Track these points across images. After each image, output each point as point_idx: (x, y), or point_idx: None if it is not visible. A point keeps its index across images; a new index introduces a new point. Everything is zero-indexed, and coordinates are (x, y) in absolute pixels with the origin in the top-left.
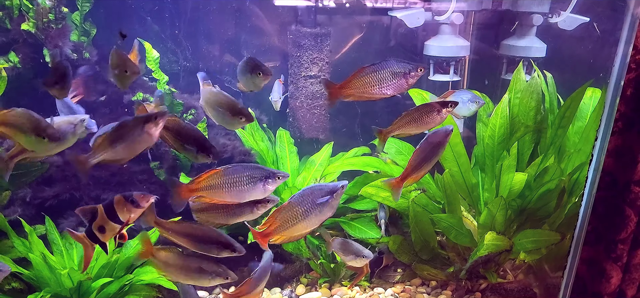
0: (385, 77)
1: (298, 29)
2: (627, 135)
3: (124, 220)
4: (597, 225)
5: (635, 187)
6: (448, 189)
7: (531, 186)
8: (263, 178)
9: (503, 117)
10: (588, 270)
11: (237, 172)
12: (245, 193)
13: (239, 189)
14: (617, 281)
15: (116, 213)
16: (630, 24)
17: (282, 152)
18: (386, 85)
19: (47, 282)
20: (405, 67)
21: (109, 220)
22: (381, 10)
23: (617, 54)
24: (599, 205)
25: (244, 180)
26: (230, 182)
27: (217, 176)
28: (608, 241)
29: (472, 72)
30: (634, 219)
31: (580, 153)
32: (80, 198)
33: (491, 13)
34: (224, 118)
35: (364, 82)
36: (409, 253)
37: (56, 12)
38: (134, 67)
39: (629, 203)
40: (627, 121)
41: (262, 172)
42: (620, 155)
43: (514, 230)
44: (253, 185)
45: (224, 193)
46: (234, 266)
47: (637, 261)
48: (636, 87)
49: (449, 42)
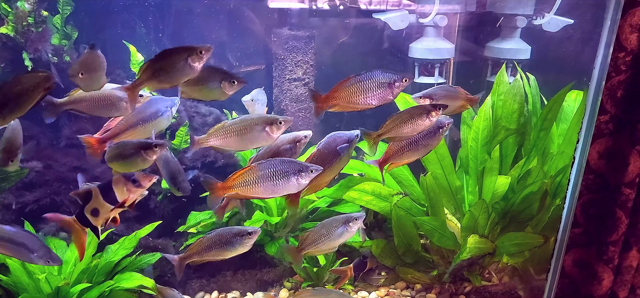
0: (370, 87)
1: (282, 32)
2: (618, 137)
3: (121, 200)
4: (589, 227)
5: (626, 189)
6: (431, 192)
7: (514, 188)
8: (297, 172)
9: (486, 119)
10: (580, 272)
11: (272, 167)
12: (280, 188)
13: (273, 184)
14: (608, 283)
15: (112, 194)
16: (610, 26)
17: None
18: (371, 95)
19: (26, 287)
20: (390, 77)
21: (104, 202)
22: (367, 12)
23: (598, 55)
24: (590, 207)
25: (278, 174)
26: (265, 177)
27: (252, 172)
28: (599, 243)
29: (458, 74)
30: (625, 221)
31: (564, 156)
32: (61, 203)
33: (476, 15)
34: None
35: (349, 92)
36: (393, 256)
37: (36, 16)
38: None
39: (620, 205)
40: (618, 123)
41: (295, 166)
42: (611, 157)
43: (498, 233)
44: (287, 180)
45: (258, 189)
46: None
47: (628, 263)
48: (626, 89)
49: (434, 45)
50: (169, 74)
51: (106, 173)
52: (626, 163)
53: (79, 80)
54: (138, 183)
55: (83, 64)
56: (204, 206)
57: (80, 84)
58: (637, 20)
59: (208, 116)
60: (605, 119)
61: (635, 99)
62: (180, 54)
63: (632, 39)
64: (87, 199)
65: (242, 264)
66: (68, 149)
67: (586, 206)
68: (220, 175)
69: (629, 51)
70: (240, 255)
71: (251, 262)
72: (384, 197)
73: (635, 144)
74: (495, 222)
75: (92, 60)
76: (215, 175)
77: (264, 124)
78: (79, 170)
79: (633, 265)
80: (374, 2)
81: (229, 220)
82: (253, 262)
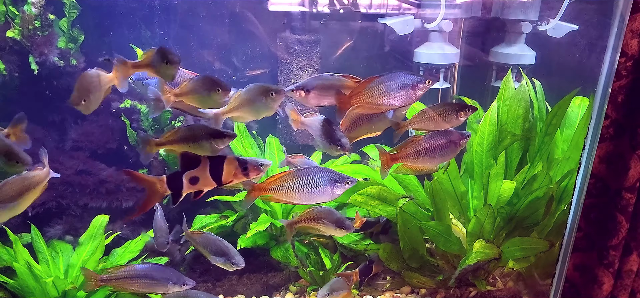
0: (393, 88)
1: (287, 36)
2: (619, 142)
3: (225, 181)
4: (590, 232)
5: (626, 193)
6: (436, 196)
7: (519, 194)
8: (332, 182)
9: (492, 124)
10: (581, 276)
11: (308, 176)
12: (314, 197)
13: (309, 192)
14: (609, 287)
15: (219, 171)
16: (617, 31)
17: (271, 159)
18: (394, 96)
19: (32, 291)
20: (414, 79)
21: (208, 175)
22: (372, 16)
23: (604, 61)
24: (591, 212)
25: (314, 183)
26: (301, 185)
27: (290, 177)
28: (600, 247)
29: (462, 78)
30: (626, 225)
31: (570, 161)
32: (67, 207)
33: (481, 20)
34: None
35: (372, 93)
36: (399, 261)
37: (42, 20)
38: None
39: (621, 210)
40: (619, 128)
41: (331, 176)
42: (612, 162)
43: (503, 238)
44: (322, 189)
45: (293, 195)
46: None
47: (628, 267)
48: (627, 94)
49: (439, 50)
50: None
51: (110, 177)
52: (627, 168)
53: (82, 106)
54: (246, 172)
55: (81, 89)
56: (209, 209)
57: (83, 110)
58: (638, 26)
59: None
60: (606, 124)
61: (635, 104)
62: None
63: (633, 44)
64: (191, 165)
65: (248, 268)
66: (74, 152)
67: (587, 210)
68: None
69: (630, 56)
70: (246, 259)
71: (256, 266)
72: (389, 201)
73: (636, 148)
74: (501, 227)
75: (88, 82)
76: None
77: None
78: (84, 173)
79: (633, 270)
80: (374, 6)
81: (235, 224)
82: (258, 266)
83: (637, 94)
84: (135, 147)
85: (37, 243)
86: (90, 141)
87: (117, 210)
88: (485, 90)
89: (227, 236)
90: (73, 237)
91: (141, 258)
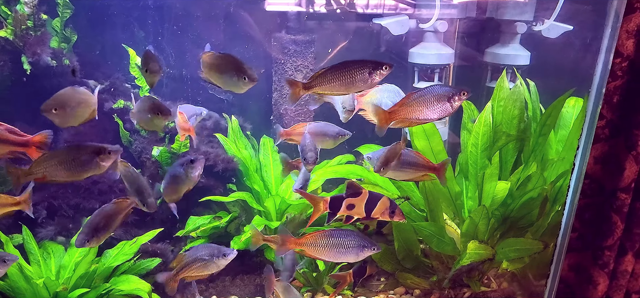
0: (430, 101)
1: (282, 36)
2: (614, 142)
3: (374, 216)
4: (585, 232)
5: (621, 193)
6: (430, 197)
7: (514, 194)
8: (360, 246)
9: (486, 125)
10: (576, 276)
11: (340, 237)
12: (341, 257)
13: (337, 252)
14: (604, 288)
15: (372, 206)
16: (611, 32)
17: (265, 159)
18: (431, 109)
19: (23, 292)
20: (450, 92)
21: (363, 207)
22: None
23: (598, 62)
24: (586, 212)
25: (344, 245)
26: (332, 245)
27: (323, 238)
28: (595, 248)
29: (457, 79)
30: (621, 226)
31: (564, 162)
32: (59, 207)
33: (475, 21)
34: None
35: (411, 108)
36: (393, 261)
37: (35, 19)
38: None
39: (616, 210)
40: (614, 128)
41: (360, 242)
42: (607, 162)
43: (497, 239)
44: (349, 251)
45: (323, 253)
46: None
47: (623, 268)
48: (622, 95)
49: (433, 50)
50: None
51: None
52: (622, 168)
53: (53, 115)
54: (393, 216)
55: (58, 100)
56: (202, 210)
57: (55, 120)
58: (634, 27)
59: (207, 120)
60: (601, 124)
61: (631, 104)
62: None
63: (629, 45)
64: (354, 194)
65: (241, 269)
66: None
67: (582, 211)
68: (219, 179)
69: (626, 57)
70: (239, 260)
71: (250, 267)
72: None
73: (631, 149)
74: (495, 227)
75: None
76: (214, 180)
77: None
78: None
79: (628, 270)
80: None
81: (229, 225)
82: (252, 267)
83: (633, 95)
84: (128, 148)
85: (29, 244)
86: (82, 141)
87: None
88: (481, 91)
89: (220, 237)
90: (65, 238)
91: (134, 259)
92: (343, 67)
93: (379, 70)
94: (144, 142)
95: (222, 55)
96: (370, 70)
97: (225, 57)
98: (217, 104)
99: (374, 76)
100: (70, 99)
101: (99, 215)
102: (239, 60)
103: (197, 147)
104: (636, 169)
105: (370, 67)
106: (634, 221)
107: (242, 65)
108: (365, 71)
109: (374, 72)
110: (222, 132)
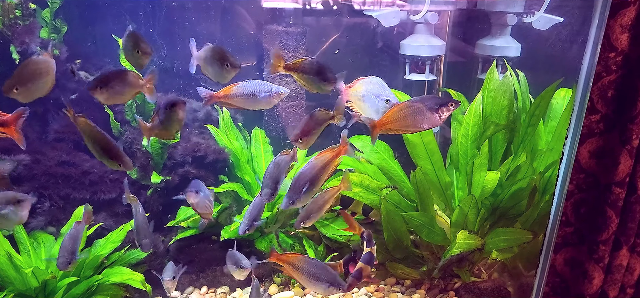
0: (420, 112)
1: (273, 28)
2: (608, 137)
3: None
4: (580, 226)
5: (616, 188)
6: (420, 187)
7: (503, 184)
8: (330, 282)
9: (476, 115)
10: (571, 271)
11: (314, 268)
12: (312, 286)
13: (309, 280)
14: (599, 282)
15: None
16: (597, 24)
17: (257, 151)
18: (421, 119)
19: (12, 281)
20: (438, 102)
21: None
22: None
23: (585, 54)
24: (581, 206)
25: (315, 276)
26: (306, 272)
27: (299, 262)
28: (590, 242)
29: (448, 71)
30: (615, 220)
31: (553, 152)
32: (49, 197)
33: (466, 12)
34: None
35: (400, 116)
36: (382, 252)
37: (23, 9)
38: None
39: (610, 205)
40: (609, 123)
41: (331, 277)
42: (602, 157)
43: (487, 229)
44: (320, 284)
45: (298, 276)
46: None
47: (618, 262)
48: (617, 89)
49: (425, 42)
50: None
51: (95, 167)
52: (616, 163)
53: (15, 95)
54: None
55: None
56: None
57: (19, 98)
58: (628, 21)
59: (198, 112)
60: (596, 119)
61: (625, 99)
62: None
63: (623, 39)
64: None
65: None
66: (56, 143)
67: (577, 205)
68: (210, 170)
69: (620, 51)
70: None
71: None
72: (372, 190)
73: (626, 143)
74: (485, 218)
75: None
76: (205, 170)
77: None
78: (67, 164)
79: (623, 264)
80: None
81: (219, 215)
82: None
83: (627, 89)
84: (118, 138)
85: (19, 234)
86: (73, 132)
87: (100, 201)
88: (471, 83)
89: (211, 227)
90: (55, 228)
91: (124, 249)
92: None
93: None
94: (134, 133)
95: (207, 48)
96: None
97: (210, 49)
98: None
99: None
100: (32, 73)
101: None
102: (222, 49)
103: (187, 137)
104: (630, 163)
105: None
106: (629, 215)
107: (225, 53)
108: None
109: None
110: (213, 123)
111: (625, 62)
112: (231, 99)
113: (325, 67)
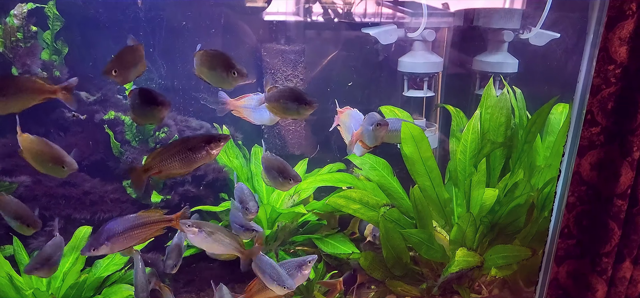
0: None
1: (272, 46)
2: (609, 149)
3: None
4: (582, 239)
5: (618, 200)
6: (419, 204)
7: (501, 201)
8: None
9: (474, 132)
10: (574, 283)
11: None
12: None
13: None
14: (602, 294)
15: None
16: (592, 40)
17: (257, 169)
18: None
19: None
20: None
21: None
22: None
23: (580, 69)
24: (583, 219)
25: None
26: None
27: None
28: (593, 254)
29: (446, 87)
30: (618, 232)
31: (551, 168)
32: (51, 218)
33: (463, 30)
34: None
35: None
36: (382, 269)
37: (25, 31)
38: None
39: (613, 217)
40: (609, 135)
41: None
42: (603, 169)
43: (486, 246)
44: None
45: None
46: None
47: (621, 274)
48: (617, 101)
49: (422, 58)
50: None
51: (94, 188)
52: (618, 175)
53: (114, 76)
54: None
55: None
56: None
57: (117, 79)
58: (627, 33)
59: (199, 130)
60: (596, 131)
61: (625, 111)
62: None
63: (622, 52)
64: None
65: (232, 277)
66: None
67: (579, 217)
68: (210, 189)
69: (619, 64)
70: (230, 268)
71: (241, 275)
72: (371, 206)
73: (626, 155)
74: (484, 234)
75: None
76: (205, 190)
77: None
78: (68, 184)
79: (626, 277)
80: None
81: None
82: (241, 276)
83: (627, 101)
84: (119, 158)
85: (20, 255)
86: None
87: (101, 221)
88: (470, 98)
89: None
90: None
91: (124, 269)
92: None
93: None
94: (134, 152)
95: (212, 52)
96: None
97: (215, 53)
98: (208, 113)
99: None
100: (129, 58)
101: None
102: (227, 56)
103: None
104: (632, 175)
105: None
106: (631, 227)
107: (231, 61)
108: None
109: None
110: None
111: (624, 74)
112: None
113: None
